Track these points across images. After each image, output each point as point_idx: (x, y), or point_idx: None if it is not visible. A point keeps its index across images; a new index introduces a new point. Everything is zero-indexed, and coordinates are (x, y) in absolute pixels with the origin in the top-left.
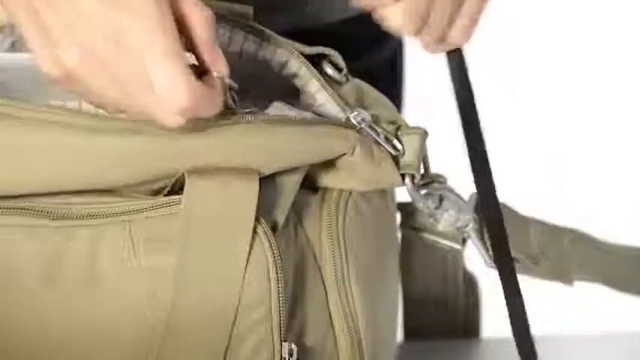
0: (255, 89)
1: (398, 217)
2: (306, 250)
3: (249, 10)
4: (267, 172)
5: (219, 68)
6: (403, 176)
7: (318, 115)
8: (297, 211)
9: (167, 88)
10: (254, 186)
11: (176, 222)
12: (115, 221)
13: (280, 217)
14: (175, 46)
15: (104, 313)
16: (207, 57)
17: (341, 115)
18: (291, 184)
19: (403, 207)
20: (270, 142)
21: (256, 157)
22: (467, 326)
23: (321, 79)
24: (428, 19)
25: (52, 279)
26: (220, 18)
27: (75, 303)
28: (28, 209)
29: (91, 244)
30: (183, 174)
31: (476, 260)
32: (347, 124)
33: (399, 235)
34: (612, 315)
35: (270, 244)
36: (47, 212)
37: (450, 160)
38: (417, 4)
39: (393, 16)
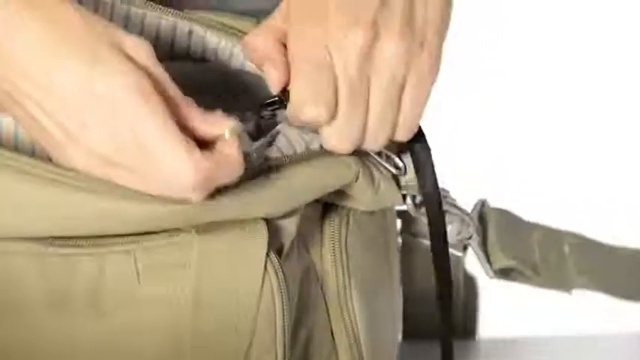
0: (252, 101)
1: (398, 223)
2: (309, 266)
3: (250, 24)
4: (277, 214)
5: (224, 128)
6: (404, 196)
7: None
8: (299, 228)
9: (172, 170)
10: (262, 239)
11: (181, 250)
12: (120, 250)
13: (287, 243)
14: (169, 127)
15: (110, 340)
16: (203, 128)
17: None
18: (297, 212)
19: (403, 214)
20: (276, 193)
21: (262, 206)
22: (466, 328)
23: None
24: (365, 134)
25: (59, 305)
26: (221, 32)
27: (82, 329)
28: (35, 236)
29: (96, 272)
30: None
31: (475, 262)
32: None
33: (400, 240)
34: (609, 316)
35: (276, 272)
36: (54, 240)
37: (451, 164)
38: (349, 124)
39: (329, 138)
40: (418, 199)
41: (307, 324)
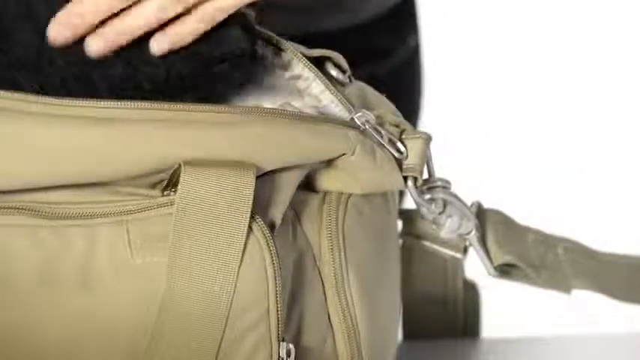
0: (258, 91)
1: (399, 223)
2: (306, 249)
3: (251, 13)
4: (265, 167)
5: None
6: (406, 179)
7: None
8: (297, 211)
9: None
10: (250, 178)
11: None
12: (112, 221)
13: (278, 216)
14: None
15: (101, 313)
16: None
17: (345, 116)
18: (289, 183)
19: (405, 214)
20: (270, 136)
21: (254, 150)
22: (466, 328)
23: (326, 80)
24: None
25: (49, 279)
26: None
27: (72, 303)
28: (25, 209)
29: (88, 245)
30: (179, 166)
31: (475, 262)
32: (350, 125)
33: (400, 242)
34: (609, 316)
35: (267, 242)
36: (44, 212)
37: (453, 167)
38: None
39: None
40: (419, 182)
41: (301, 305)
